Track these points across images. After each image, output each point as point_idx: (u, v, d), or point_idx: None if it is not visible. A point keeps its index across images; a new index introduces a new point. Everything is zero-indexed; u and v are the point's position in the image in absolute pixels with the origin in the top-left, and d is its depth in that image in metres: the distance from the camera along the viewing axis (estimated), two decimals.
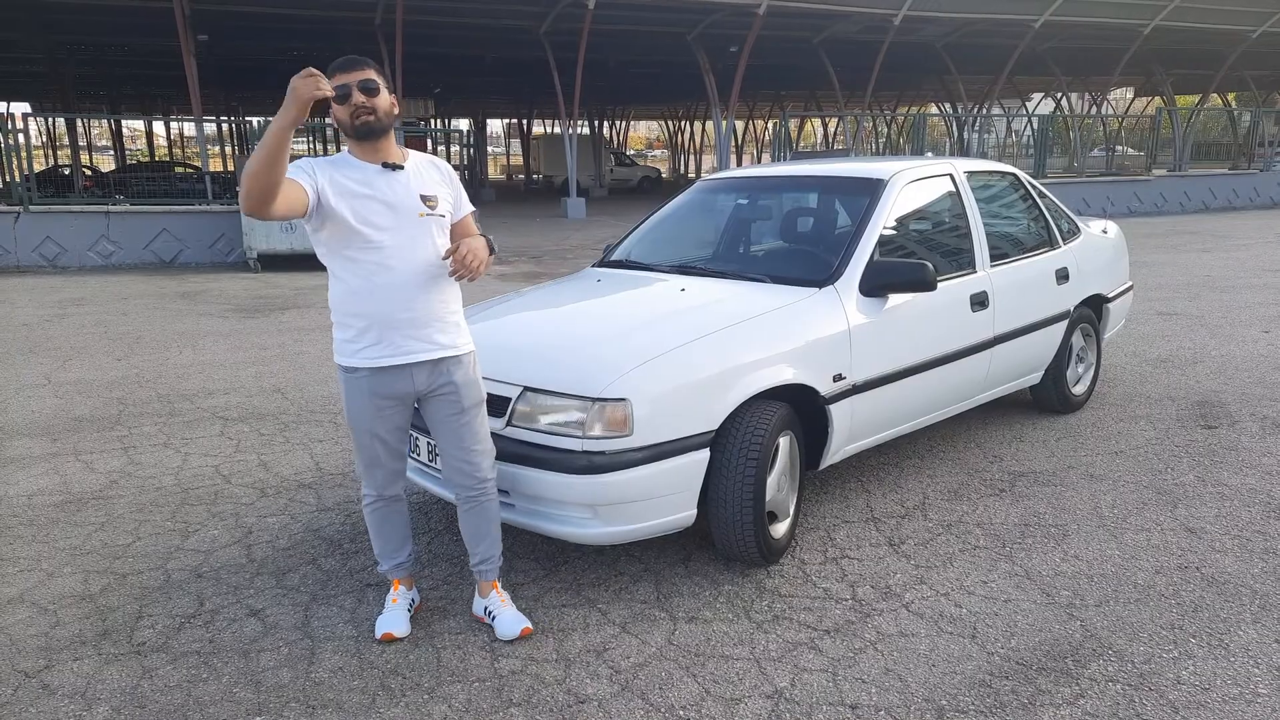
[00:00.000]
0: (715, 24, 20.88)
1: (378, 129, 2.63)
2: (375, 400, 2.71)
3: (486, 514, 2.91)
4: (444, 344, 2.74)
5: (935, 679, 2.63)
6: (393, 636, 2.84)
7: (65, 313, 9.15)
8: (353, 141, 2.67)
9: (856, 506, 3.89)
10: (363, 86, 2.58)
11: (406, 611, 2.94)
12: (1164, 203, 21.04)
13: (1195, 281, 10.08)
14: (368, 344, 2.67)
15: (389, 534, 2.94)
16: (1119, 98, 43.40)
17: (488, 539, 2.94)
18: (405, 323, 2.66)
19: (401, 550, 2.97)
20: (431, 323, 2.70)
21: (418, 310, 2.67)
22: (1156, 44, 24.55)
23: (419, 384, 2.73)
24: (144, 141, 44.43)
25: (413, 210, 2.67)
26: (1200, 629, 2.88)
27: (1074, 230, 5.25)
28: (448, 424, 2.80)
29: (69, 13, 18.04)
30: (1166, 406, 5.25)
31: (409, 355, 2.68)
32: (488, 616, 2.93)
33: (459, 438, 2.81)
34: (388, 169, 2.67)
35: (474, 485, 2.86)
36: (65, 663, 2.76)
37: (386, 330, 2.65)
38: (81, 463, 4.59)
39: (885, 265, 3.76)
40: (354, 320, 2.68)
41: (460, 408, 2.78)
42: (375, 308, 2.64)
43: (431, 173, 2.79)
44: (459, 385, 2.77)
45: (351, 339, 2.69)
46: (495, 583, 2.98)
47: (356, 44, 20.56)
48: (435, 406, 2.79)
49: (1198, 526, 3.64)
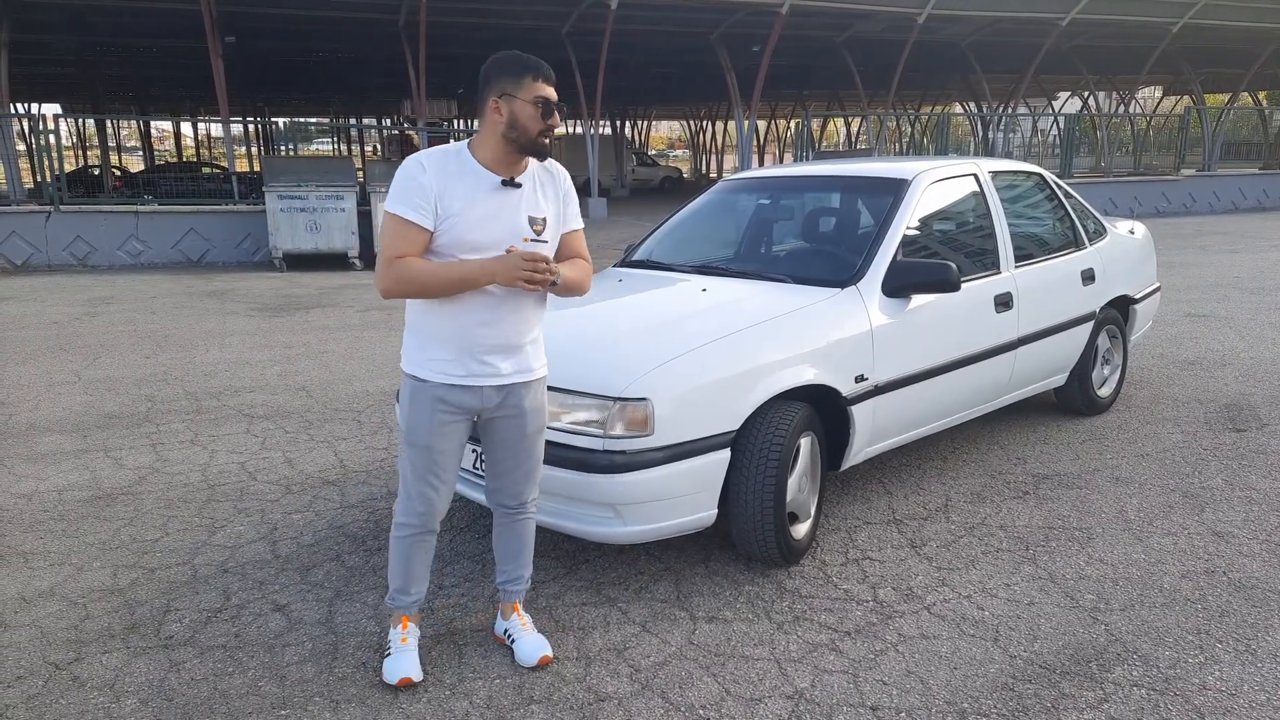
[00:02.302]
0: (737, 23, 20.83)
1: (546, 152, 2.51)
2: (439, 415, 2.53)
3: (523, 532, 2.80)
4: (519, 369, 2.58)
5: (957, 681, 2.62)
6: (411, 681, 2.62)
7: (95, 311, 9.28)
8: (505, 145, 2.45)
9: (878, 508, 3.88)
10: (560, 107, 2.46)
11: (416, 652, 2.71)
12: (1193, 203, 20.76)
13: (1224, 283, 9.94)
14: (443, 358, 2.51)
15: (415, 567, 2.70)
16: (1147, 97, 42.88)
17: (519, 559, 2.82)
18: (485, 345, 2.50)
19: (421, 584, 2.74)
20: (510, 347, 2.54)
21: (501, 334, 2.51)
22: (1185, 42, 24.21)
23: (487, 403, 2.57)
24: (172, 142, 44.96)
25: (516, 233, 2.46)
26: (1227, 634, 2.85)
27: (1100, 230, 5.20)
28: (508, 446, 2.66)
29: (99, 15, 18.29)
30: (1194, 409, 5.19)
31: (482, 379, 2.53)
32: (508, 639, 2.82)
33: (516, 461, 2.69)
34: (507, 186, 2.47)
35: (519, 505, 2.76)
36: (94, 655, 2.81)
37: (465, 348, 2.50)
38: (111, 459, 4.66)
39: (908, 265, 3.74)
40: (433, 331, 2.51)
41: (524, 432, 2.64)
42: (458, 325, 2.48)
43: (547, 188, 2.58)
44: (527, 411, 2.62)
45: (426, 347, 2.53)
46: (517, 605, 2.86)
47: (381, 45, 20.73)
48: (498, 427, 2.64)
49: (1225, 530, 3.60)
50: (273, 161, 13.26)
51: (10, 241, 12.69)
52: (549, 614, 3.03)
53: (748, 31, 21.09)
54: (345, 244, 12.76)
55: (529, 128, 2.42)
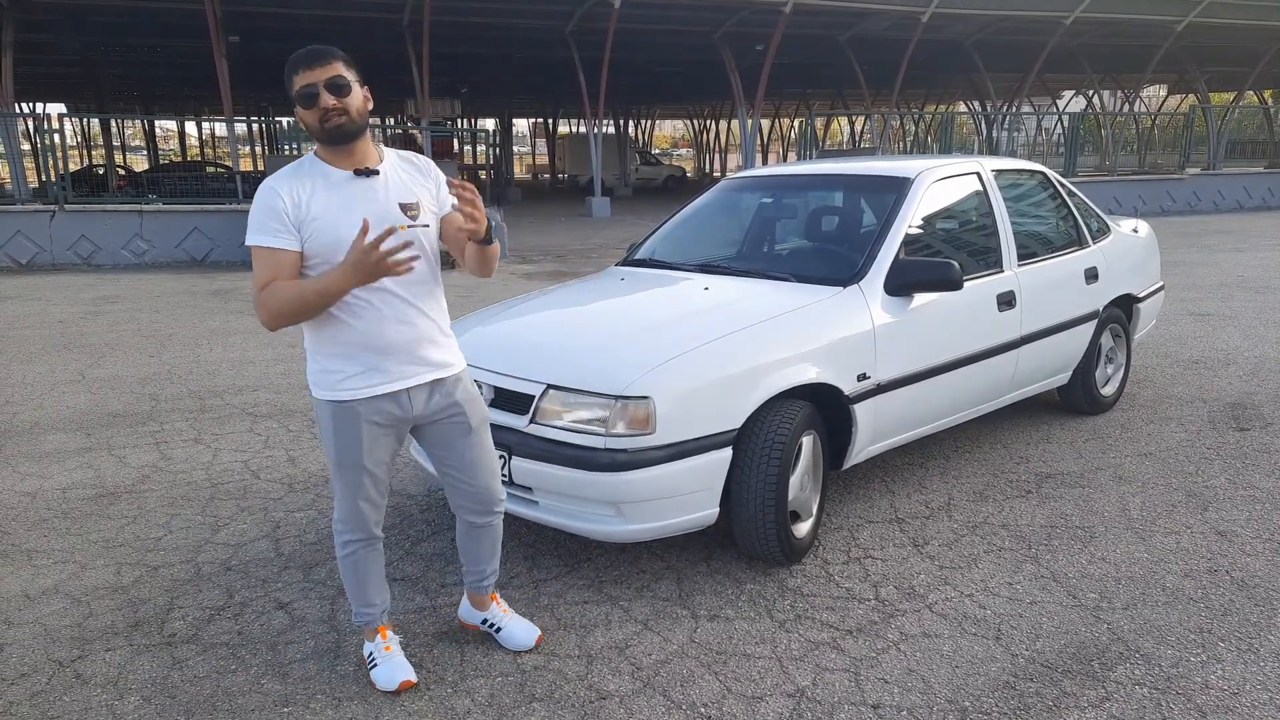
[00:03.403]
0: (741, 22, 20.82)
1: (351, 131, 2.33)
2: (370, 429, 2.43)
3: (492, 538, 2.75)
4: (439, 363, 2.49)
5: (958, 680, 2.62)
6: (412, 683, 2.59)
7: (99, 310, 9.30)
8: (322, 145, 2.37)
9: (880, 507, 3.88)
10: (331, 85, 2.27)
11: (402, 654, 2.67)
12: (1197, 202, 20.71)
13: (1228, 282, 9.92)
14: (356, 373, 2.39)
15: (371, 579, 2.63)
16: (1152, 95, 42.78)
17: (489, 559, 2.78)
18: (396, 346, 2.40)
19: (382, 593, 2.68)
20: (424, 343, 2.44)
21: (407, 332, 2.41)
22: (1190, 41, 24.15)
23: (416, 408, 2.47)
24: (176, 141, 45.07)
25: (389, 221, 2.29)
26: (1229, 633, 2.84)
27: (1104, 229, 5.19)
28: (458, 447, 2.57)
29: (104, 15, 18.34)
30: (1198, 408, 5.18)
31: (403, 380, 2.42)
32: (491, 629, 2.80)
33: (473, 460, 2.59)
34: (361, 175, 2.37)
35: (489, 508, 2.69)
36: (98, 653, 2.82)
37: (377, 357, 2.39)
38: (115, 457, 4.68)
39: (911, 264, 3.74)
40: (337, 348, 2.39)
41: (469, 427, 2.56)
42: (361, 333, 2.37)
43: (410, 174, 2.47)
44: (463, 404, 2.53)
45: (335, 369, 2.40)
46: (494, 593, 2.85)
47: (385, 44, 20.74)
48: (442, 431, 2.55)
49: (1228, 529, 3.59)
50: (277, 161, 13.28)
51: (15, 240, 12.73)
52: (551, 612, 3.03)
53: (751, 30, 21.08)
54: None
55: (309, 123, 2.32)
